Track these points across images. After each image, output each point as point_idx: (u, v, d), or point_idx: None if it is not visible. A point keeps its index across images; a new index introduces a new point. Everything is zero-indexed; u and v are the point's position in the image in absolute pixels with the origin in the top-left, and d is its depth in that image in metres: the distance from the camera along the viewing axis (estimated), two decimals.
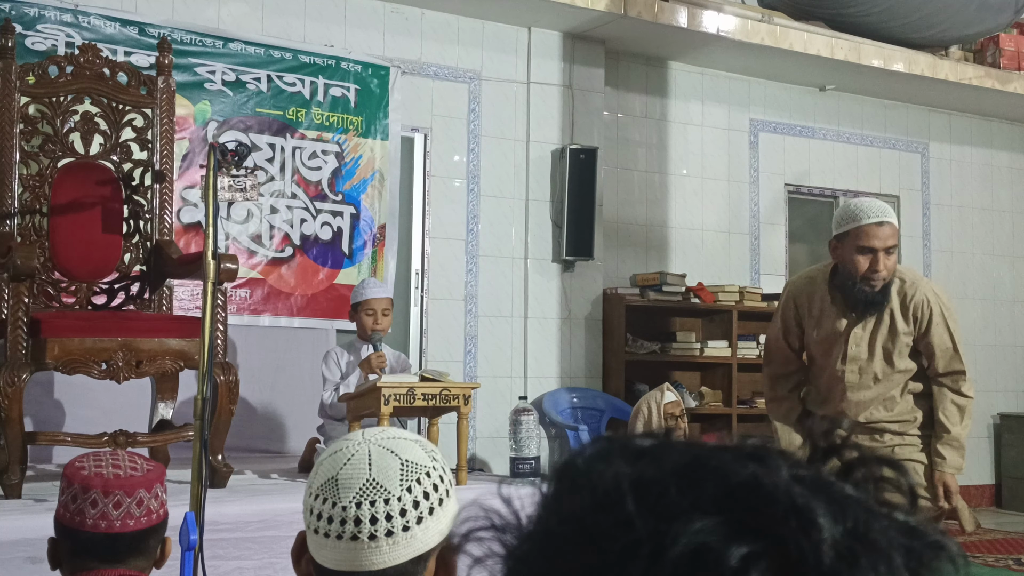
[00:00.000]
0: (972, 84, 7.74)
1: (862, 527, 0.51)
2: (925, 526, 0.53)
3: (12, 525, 3.17)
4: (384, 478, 1.35)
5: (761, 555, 0.49)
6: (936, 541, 0.53)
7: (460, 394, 4.17)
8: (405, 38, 6.15)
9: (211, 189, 3.05)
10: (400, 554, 1.34)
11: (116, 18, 5.30)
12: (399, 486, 1.34)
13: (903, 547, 0.51)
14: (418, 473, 1.36)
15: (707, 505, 0.50)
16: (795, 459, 0.54)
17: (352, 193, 5.93)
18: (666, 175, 7.17)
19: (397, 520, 1.33)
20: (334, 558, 1.35)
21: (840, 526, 0.50)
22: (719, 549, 0.49)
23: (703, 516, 0.50)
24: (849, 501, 0.52)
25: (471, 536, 0.57)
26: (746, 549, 0.49)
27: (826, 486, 0.52)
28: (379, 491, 1.34)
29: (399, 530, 1.33)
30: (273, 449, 5.42)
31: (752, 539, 0.49)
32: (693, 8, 6.60)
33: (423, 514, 1.35)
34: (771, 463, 0.53)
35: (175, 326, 4.04)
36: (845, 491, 0.53)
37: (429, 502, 1.36)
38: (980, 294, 8.48)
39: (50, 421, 4.77)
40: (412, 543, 1.34)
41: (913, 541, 0.52)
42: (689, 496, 0.51)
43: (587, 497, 0.54)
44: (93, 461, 1.98)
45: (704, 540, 0.49)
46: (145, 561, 1.96)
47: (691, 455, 0.54)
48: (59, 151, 4.33)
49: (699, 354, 6.80)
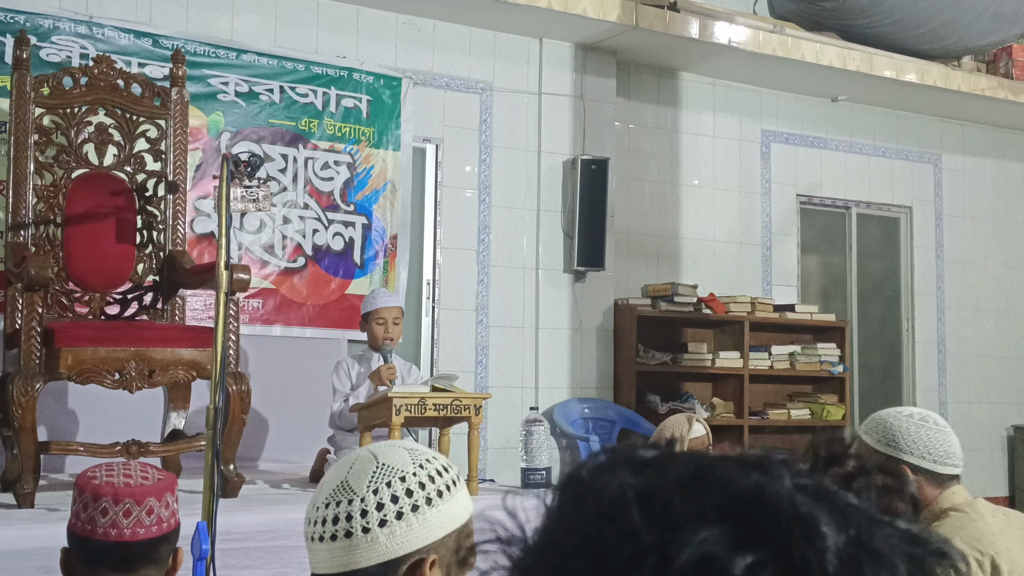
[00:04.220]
0: (985, 95, 7.72)
1: (865, 535, 0.51)
2: (927, 533, 0.53)
3: (25, 534, 3.18)
4: (354, 480, 1.34)
5: (766, 564, 0.49)
6: (939, 548, 0.53)
7: (471, 404, 4.17)
8: (417, 49, 6.17)
9: (224, 199, 3.06)
10: (361, 557, 1.31)
11: (130, 30, 5.33)
12: (365, 487, 1.33)
13: (906, 555, 0.52)
14: (390, 476, 1.34)
15: (712, 514, 0.51)
16: (798, 468, 0.54)
17: (364, 204, 5.94)
18: (677, 186, 7.17)
19: (357, 520, 1.31)
20: (312, 560, 1.36)
21: (843, 534, 0.50)
22: (724, 558, 0.49)
23: (708, 525, 0.50)
24: (852, 509, 0.52)
25: (476, 549, 0.57)
26: (751, 558, 0.49)
27: (829, 495, 0.53)
28: (345, 492, 1.33)
29: (359, 531, 1.31)
30: (284, 459, 5.42)
31: (757, 548, 0.49)
32: (705, 19, 6.61)
33: (387, 517, 1.32)
34: (774, 472, 0.53)
35: (188, 336, 4.05)
36: (848, 499, 0.53)
37: (397, 506, 1.32)
38: (993, 306, 8.44)
39: (63, 431, 4.79)
40: (374, 547, 1.31)
41: (916, 548, 0.52)
42: (694, 506, 0.51)
43: (592, 508, 0.54)
44: (105, 471, 1.99)
45: (709, 549, 0.50)
46: (156, 570, 1.96)
47: (695, 465, 0.54)
48: (73, 162, 4.35)
49: (710, 365, 6.78)
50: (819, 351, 7.13)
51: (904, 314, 8.12)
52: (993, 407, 8.31)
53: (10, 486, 3.74)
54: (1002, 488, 8.29)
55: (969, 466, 8.21)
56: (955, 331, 8.22)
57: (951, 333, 8.20)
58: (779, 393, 7.26)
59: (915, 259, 8.14)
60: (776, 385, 7.24)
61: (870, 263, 8.06)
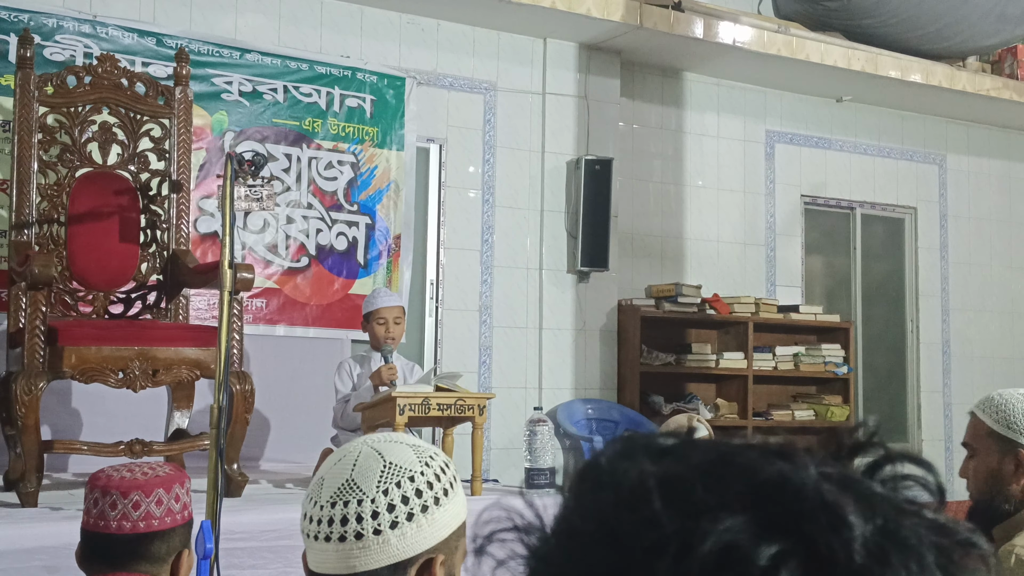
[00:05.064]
0: (990, 95, 7.71)
1: (892, 524, 0.50)
2: (955, 523, 0.52)
3: (29, 533, 3.18)
4: (362, 479, 1.31)
5: (791, 554, 0.48)
6: (967, 539, 0.52)
7: (475, 404, 4.16)
8: (421, 49, 6.16)
9: (228, 199, 3.05)
10: (372, 559, 1.30)
11: (134, 29, 5.32)
12: (375, 488, 1.30)
13: (934, 545, 0.50)
14: (399, 476, 1.32)
15: (734, 503, 0.50)
16: (822, 456, 0.53)
17: (368, 203, 5.94)
18: (681, 186, 7.16)
19: (368, 522, 1.29)
20: (314, 560, 1.33)
21: (870, 524, 0.49)
22: (748, 548, 0.48)
23: (731, 514, 0.49)
24: (878, 498, 0.51)
25: (493, 537, 0.56)
26: (775, 548, 0.48)
27: (854, 483, 0.51)
28: (354, 491, 1.31)
29: (370, 533, 1.29)
30: (287, 459, 5.41)
31: (781, 537, 0.48)
32: (709, 19, 6.60)
33: (399, 519, 1.30)
34: (798, 460, 0.52)
35: (191, 335, 4.04)
36: (874, 488, 0.52)
37: (408, 507, 1.31)
38: (998, 307, 8.43)
39: (66, 430, 4.78)
40: (385, 548, 1.30)
41: (944, 539, 0.51)
42: (716, 494, 0.50)
43: (612, 495, 0.53)
44: (113, 470, 2.01)
45: (732, 539, 0.48)
46: (152, 567, 1.95)
47: (717, 452, 0.53)
48: (77, 161, 4.35)
49: (714, 366, 6.77)
50: (823, 352, 7.11)
51: (908, 315, 8.10)
52: None
53: (13, 485, 3.73)
54: None
55: None
56: (959, 332, 8.20)
57: (955, 334, 8.19)
58: (783, 394, 7.25)
59: (920, 260, 8.12)
60: (780, 386, 7.23)
61: (874, 264, 8.04)
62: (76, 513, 2.17)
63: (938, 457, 7.98)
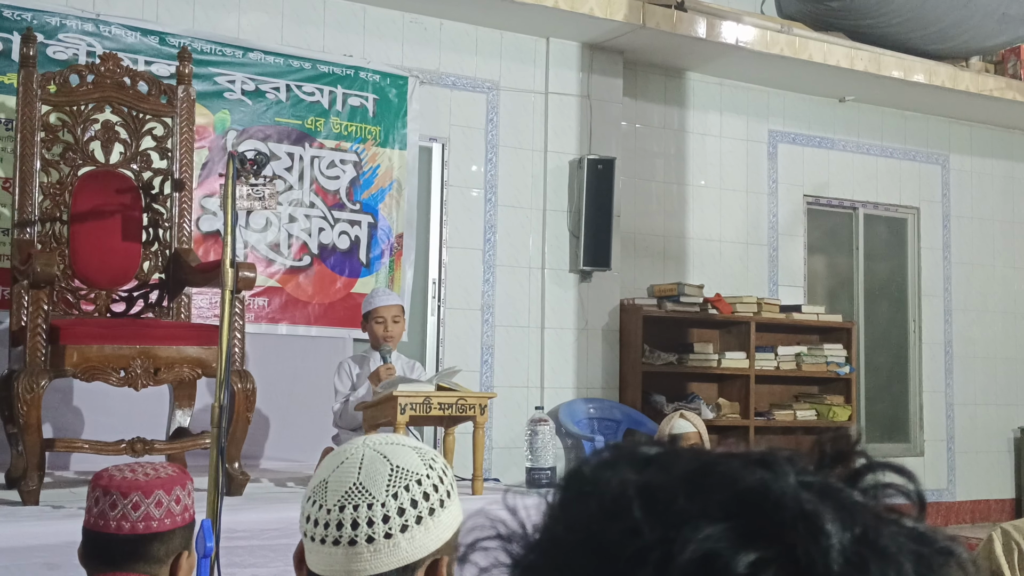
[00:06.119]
0: (993, 95, 7.70)
1: (871, 533, 0.50)
2: (934, 532, 0.53)
3: (30, 531, 3.19)
4: (370, 482, 1.32)
5: (770, 561, 0.49)
6: (945, 547, 0.52)
7: (476, 404, 4.16)
8: (424, 48, 6.17)
9: (230, 198, 3.06)
10: (382, 562, 1.30)
11: (137, 28, 5.33)
12: (384, 492, 1.31)
13: (913, 553, 0.51)
14: (407, 480, 1.32)
15: (715, 511, 0.50)
16: (803, 466, 0.54)
17: (370, 202, 5.94)
18: (684, 186, 7.16)
19: (379, 527, 1.30)
20: (319, 563, 1.33)
21: (849, 532, 0.50)
22: (727, 556, 0.49)
23: (711, 522, 0.50)
24: (857, 507, 0.51)
25: (476, 546, 0.57)
26: (754, 555, 0.49)
27: (834, 492, 0.52)
28: (363, 495, 1.31)
29: (381, 537, 1.30)
30: (288, 457, 5.42)
31: (760, 545, 0.49)
32: (712, 19, 6.59)
33: (408, 522, 1.31)
34: (779, 469, 0.52)
35: (193, 334, 4.05)
36: (853, 497, 0.52)
37: (416, 510, 1.32)
38: (1001, 307, 8.42)
39: (68, 428, 4.79)
40: (395, 552, 1.31)
41: (922, 547, 0.51)
42: (697, 502, 0.51)
43: (594, 504, 0.53)
44: (116, 469, 2.01)
45: (712, 547, 0.49)
46: (151, 568, 1.96)
47: (698, 462, 0.54)
48: (79, 159, 4.36)
49: (716, 366, 6.77)
50: (825, 352, 7.11)
51: (911, 315, 8.10)
52: (1000, 409, 8.28)
53: (15, 483, 3.75)
54: (1009, 490, 8.27)
55: (976, 468, 8.24)
56: (962, 332, 8.20)
57: (958, 334, 8.18)
58: (785, 394, 7.25)
59: (922, 260, 8.12)
60: (782, 386, 7.23)
61: (877, 264, 8.04)
62: (77, 512, 2.18)
63: (939, 458, 7.99)
